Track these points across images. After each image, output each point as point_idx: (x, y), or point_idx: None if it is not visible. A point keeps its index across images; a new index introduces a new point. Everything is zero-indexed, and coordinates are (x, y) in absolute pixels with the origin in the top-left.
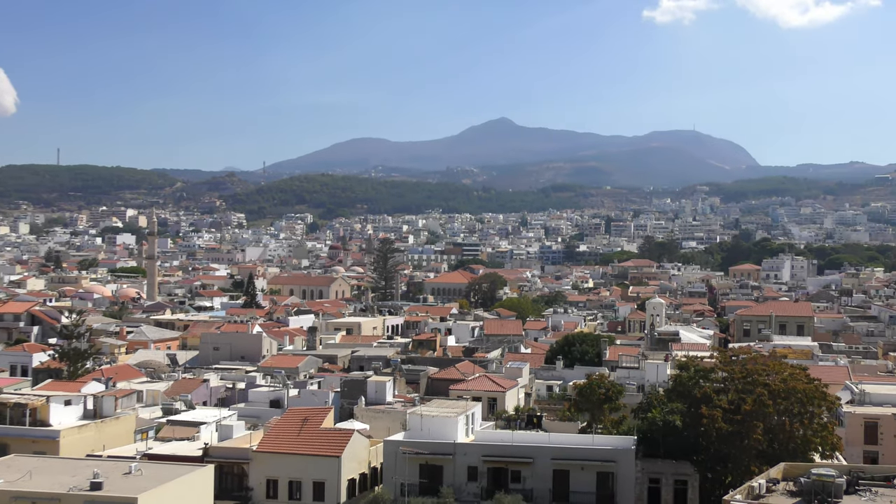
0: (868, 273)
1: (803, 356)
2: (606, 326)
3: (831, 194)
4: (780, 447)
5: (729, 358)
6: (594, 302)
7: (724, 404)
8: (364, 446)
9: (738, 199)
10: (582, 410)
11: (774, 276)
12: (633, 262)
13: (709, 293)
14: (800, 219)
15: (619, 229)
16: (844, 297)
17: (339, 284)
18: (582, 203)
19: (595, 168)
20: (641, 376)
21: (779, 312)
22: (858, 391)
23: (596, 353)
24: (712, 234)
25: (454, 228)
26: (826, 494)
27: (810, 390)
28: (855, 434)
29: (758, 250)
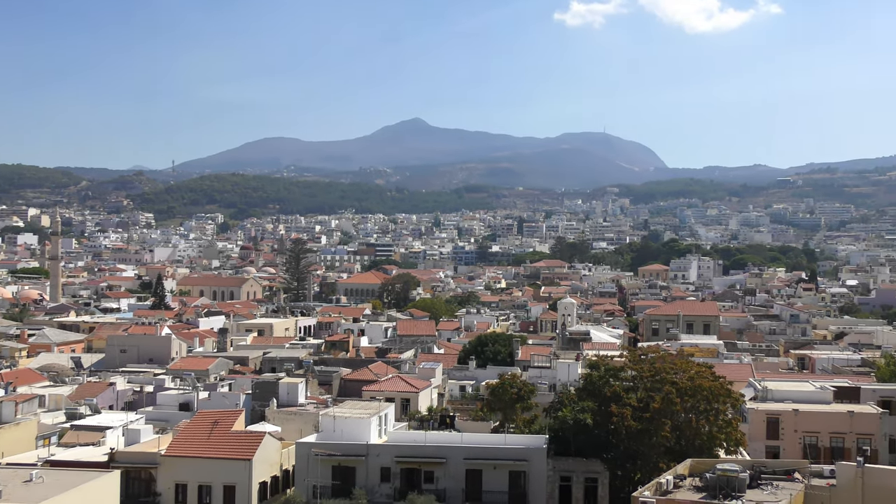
0: (771, 273)
1: (709, 354)
2: (519, 326)
3: (736, 196)
4: (687, 444)
5: (638, 357)
6: (507, 302)
7: (634, 402)
8: (276, 449)
9: (647, 200)
10: (494, 410)
11: (682, 277)
12: (545, 263)
13: (619, 293)
14: (706, 220)
15: (531, 230)
16: (748, 297)
17: (251, 285)
18: (495, 204)
19: (508, 169)
20: (553, 375)
21: (686, 312)
22: (761, 388)
23: (508, 352)
24: (622, 234)
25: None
26: (730, 489)
27: (716, 388)
28: (758, 430)
29: (666, 251)
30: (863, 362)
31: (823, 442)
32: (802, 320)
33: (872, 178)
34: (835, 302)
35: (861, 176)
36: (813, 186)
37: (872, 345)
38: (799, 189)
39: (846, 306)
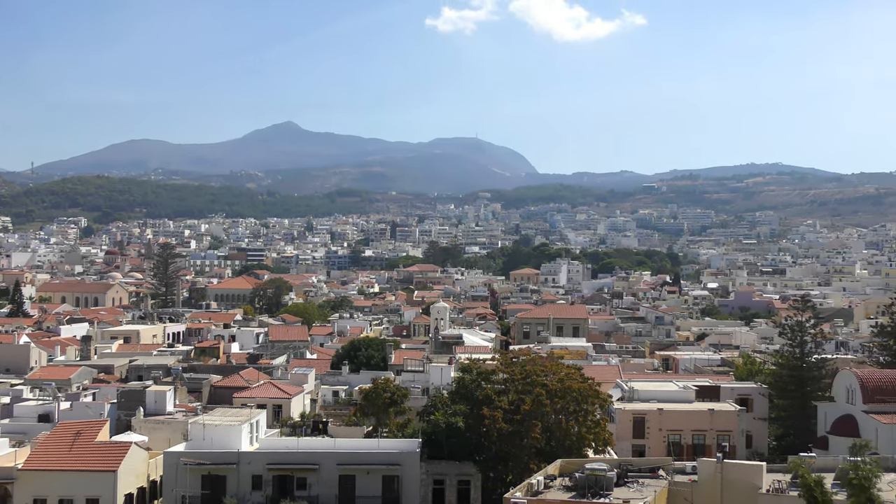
0: (637, 276)
1: (578, 356)
2: (392, 331)
3: (604, 202)
4: (557, 444)
5: (509, 360)
6: (380, 307)
7: (505, 405)
8: (142, 459)
9: (519, 205)
10: (367, 415)
11: (552, 280)
12: (417, 267)
13: (491, 297)
14: (575, 225)
15: (404, 234)
16: (616, 300)
17: (117, 291)
18: (368, 208)
19: (381, 173)
20: (426, 379)
21: (556, 315)
22: (628, 389)
23: (381, 357)
24: (494, 239)
25: (238, 233)
26: (598, 488)
27: (585, 389)
28: (625, 429)
29: (537, 255)
30: (722, 362)
31: (686, 439)
32: (667, 322)
33: (731, 185)
34: (697, 304)
35: (721, 183)
36: (676, 193)
37: (731, 345)
38: (663, 195)
39: (707, 308)
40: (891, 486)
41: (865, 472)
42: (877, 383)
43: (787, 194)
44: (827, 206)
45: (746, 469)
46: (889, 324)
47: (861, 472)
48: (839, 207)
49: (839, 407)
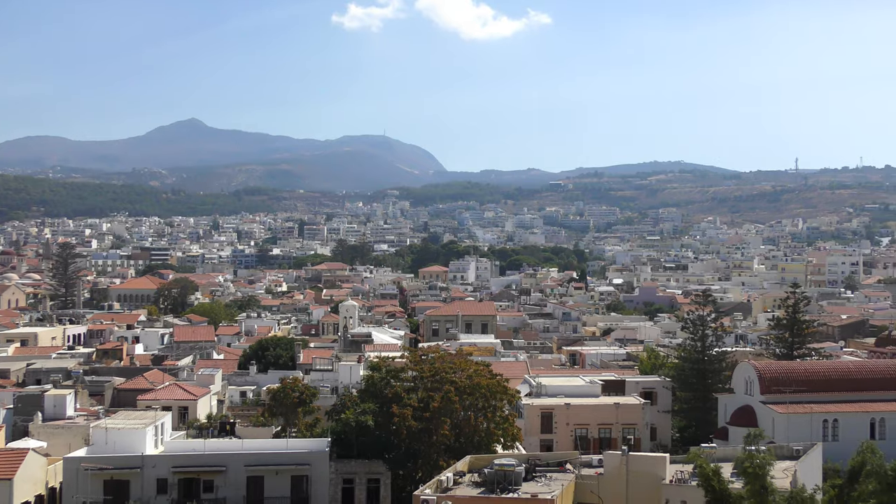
0: (544, 273)
1: (487, 353)
2: (300, 330)
3: (511, 199)
4: (466, 441)
5: (419, 357)
6: (288, 305)
7: (415, 402)
8: (41, 465)
9: (427, 203)
10: (276, 415)
11: (461, 277)
12: (326, 266)
13: (400, 295)
14: (483, 222)
15: (312, 233)
16: (524, 296)
17: (13, 293)
18: (275, 206)
19: (288, 171)
20: (335, 378)
21: (465, 312)
22: (536, 384)
23: (290, 356)
24: (403, 237)
25: (142, 232)
26: (507, 483)
27: (493, 385)
28: (533, 424)
29: (445, 252)
30: (628, 356)
31: (593, 433)
32: (574, 318)
33: (635, 182)
34: (603, 300)
35: (625, 181)
36: (582, 190)
37: (636, 340)
38: (570, 192)
39: (613, 304)
40: (786, 472)
41: (759, 461)
42: (773, 374)
43: (689, 192)
44: (726, 204)
45: (650, 461)
46: (785, 317)
47: (755, 461)
48: (738, 204)
49: (738, 398)
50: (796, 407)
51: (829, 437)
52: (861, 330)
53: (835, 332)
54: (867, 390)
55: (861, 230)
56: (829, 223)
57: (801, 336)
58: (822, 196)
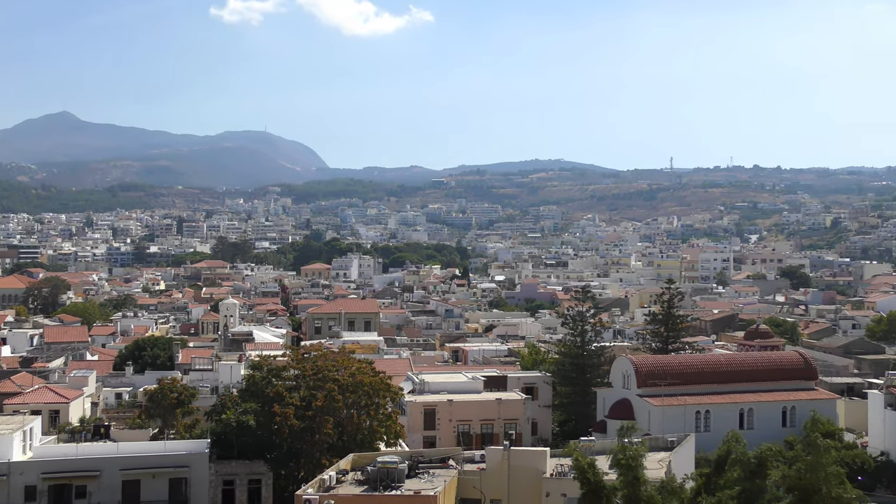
0: (427, 270)
1: (370, 350)
2: (179, 329)
3: (394, 196)
4: (349, 439)
5: (301, 356)
6: (166, 304)
7: (297, 401)
8: None
9: (309, 200)
10: (153, 417)
11: (344, 275)
12: (206, 263)
13: (282, 293)
14: (366, 219)
15: (191, 230)
16: (406, 293)
17: None
18: (153, 203)
19: (166, 167)
20: (215, 378)
21: (348, 309)
22: (419, 381)
23: (168, 356)
24: (284, 234)
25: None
26: (390, 480)
27: (376, 383)
28: (416, 421)
29: (328, 250)
30: (509, 352)
31: (475, 429)
32: (456, 315)
33: (517, 180)
34: (485, 296)
35: (507, 178)
36: (465, 188)
37: (518, 336)
38: (452, 190)
39: (495, 300)
40: (661, 463)
41: (632, 453)
42: (649, 368)
43: (569, 189)
44: (605, 202)
45: (531, 455)
46: (660, 312)
47: (628, 453)
48: (616, 202)
49: (616, 392)
50: (671, 399)
51: (701, 428)
52: (731, 324)
53: (707, 327)
54: (737, 382)
55: (732, 228)
56: (702, 221)
57: (675, 330)
58: (695, 195)
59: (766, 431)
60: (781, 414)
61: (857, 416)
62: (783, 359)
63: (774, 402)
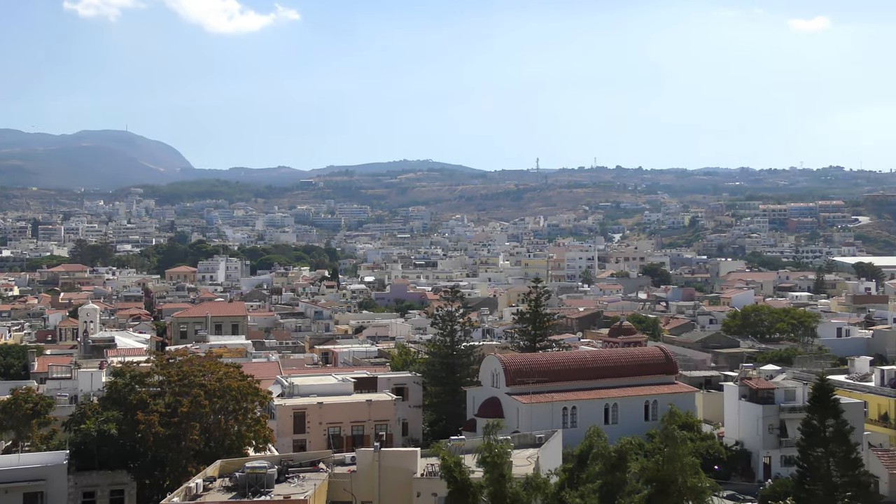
0: (296, 272)
1: (238, 354)
2: (35, 336)
3: (262, 197)
4: (216, 445)
5: (165, 361)
6: (20, 311)
7: (161, 408)
8: None
9: (174, 201)
10: (6, 428)
11: (210, 278)
12: (63, 268)
13: (145, 297)
14: (233, 221)
15: (47, 233)
16: (275, 296)
17: None
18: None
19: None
20: (74, 386)
21: (214, 313)
22: (288, 384)
23: (23, 365)
24: (148, 236)
25: None
26: (259, 486)
27: (244, 387)
28: (285, 425)
29: (194, 252)
30: (380, 353)
31: (346, 431)
32: (326, 316)
33: (385, 180)
34: (355, 298)
35: (375, 179)
36: (333, 188)
37: (388, 336)
38: (321, 191)
39: (365, 301)
40: (529, 460)
41: (497, 450)
42: (518, 366)
43: (438, 190)
44: (473, 202)
45: (402, 456)
46: (528, 310)
47: (494, 451)
48: (484, 203)
49: (486, 391)
50: (539, 397)
51: (568, 424)
52: (596, 321)
53: (573, 324)
54: (602, 378)
55: (596, 227)
56: (567, 220)
57: (542, 329)
58: (561, 195)
59: (629, 425)
60: (644, 408)
61: (715, 408)
62: (645, 354)
63: (637, 397)
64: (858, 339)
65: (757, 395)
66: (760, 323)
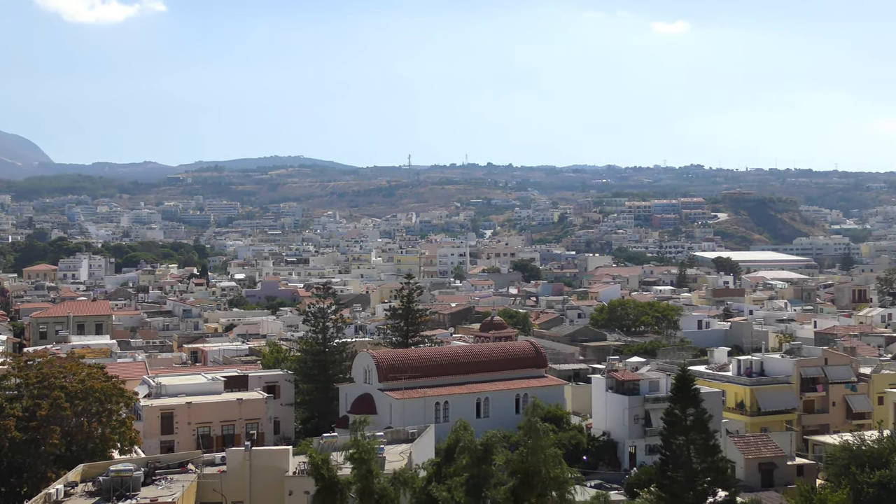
0: (164, 270)
1: (102, 355)
2: None
3: (127, 193)
4: (79, 449)
5: (23, 363)
6: None
7: (18, 412)
8: None
9: (32, 197)
10: None
11: (72, 276)
12: None
13: (1, 296)
14: (97, 217)
15: None
16: (142, 294)
17: None
18: None
19: None
20: None
21: (76, 312)
22: (155, 384)
23: None
24: (4, 234)
25: None
26: (124, 489)
27: (108, 388)
28: (152, 426)
29: (54, 250)
30: (250, 351)
31: (216, 431)
32: (195, 315)
33: (256, 176)
34: (225, 295)
35: (246, 175)
36: (202, 184)
37: (259, 334)
38: (189, 187)
39: (235, 299)
40: (402, 455)
41: (365, 447)
42: (390, 362)
43: (310, 186)
44: (345, 198)
45: (273, 454)
46: (400, 307)
47: (361, 447)
48: (356, 199)
49: (359, 387)
50: (411, 392)
51: (441, 419)
52: (468, 316)
53: (445, 320)
54: (474, 373)
55: (467, 223)
56: (439, 217)
57: (415, 324)
58: (433, 191)
59: (500, 419)
60: (515, 401)
61: (583, 400)
62: (516, 349)
63: (508, 391)
64: (717, 331)
65: (623, 386)
66: (626, 316)
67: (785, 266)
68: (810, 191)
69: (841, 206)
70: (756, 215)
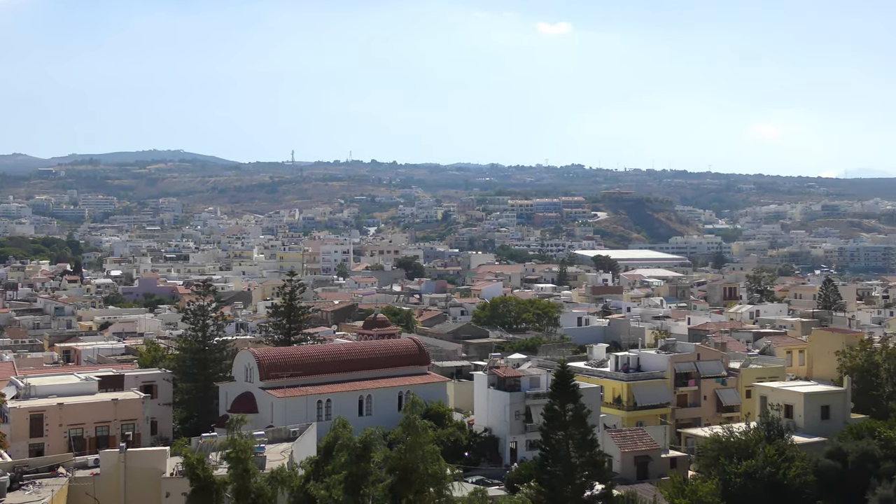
0: (34, 266)
1: None
2: None
3: None
4: None
5: None
6: None
7: None
8: None
9: None
10: None
11: None
12: None
13: None
14: None
15: None
16: (10, 291)
17: None
18: None
19: None
20: None
21: None
22: (24, 385)
23: None
24: None
25: None
26: None
27: None
28: (20, 429)
29: None
30: (127, 350)
31: (89, 432)
32: (68, 312)
33: (134, 171)
34: (100, 293)
35: (123, 169)
36: (76, 178)
37: (136, 332)
38: (62, 180)
39: (111, 296)
40: (283, 454)
41: (241, 445)
42: (272, 360)
43: (190, 181)
44: (227, 194)
45: (150, 455)
46: (282, 304)
47: (237, 446)
48: (238, 195)
49: (239, 386)
50: (293, 391)
51: (323, 417)
52: (351, 314)
53: (328, 317)
54: (357, 370)
55: (351, 220)
56: (323, 214)
57: (297, 322)
58: (316, 188)
59: (383, 416)
60: (398, 398)
61: (466, 397)
62: (399, 346)
63: (391, 388)
64: (596, 328)
65: (504, 383)
66: (508, 314)
67: (661, 264)
68: (685, 191)
69: (714, 207)
70: (634, 215)
